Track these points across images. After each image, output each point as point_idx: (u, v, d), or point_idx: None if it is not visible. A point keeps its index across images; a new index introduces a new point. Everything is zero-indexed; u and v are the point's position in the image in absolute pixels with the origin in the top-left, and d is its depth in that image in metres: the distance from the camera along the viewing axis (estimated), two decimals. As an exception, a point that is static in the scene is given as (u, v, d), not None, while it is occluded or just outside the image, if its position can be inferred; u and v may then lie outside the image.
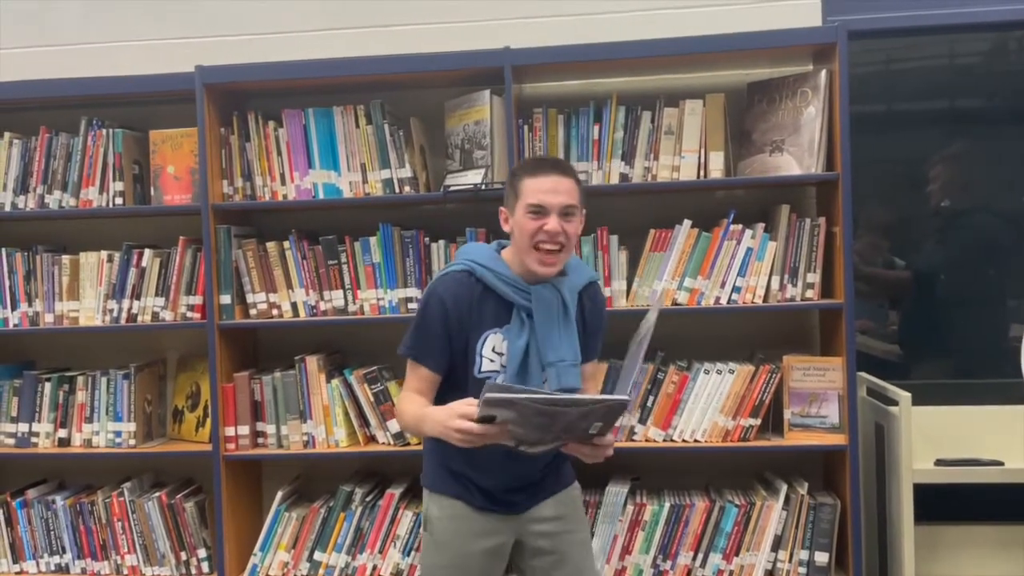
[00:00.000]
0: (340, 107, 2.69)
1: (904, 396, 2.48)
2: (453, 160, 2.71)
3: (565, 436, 1.84)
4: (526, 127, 2.64)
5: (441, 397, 2.01)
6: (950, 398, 2.83)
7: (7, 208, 2.81)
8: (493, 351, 1.97)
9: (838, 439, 2.51)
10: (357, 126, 2.68)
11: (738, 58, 2.63)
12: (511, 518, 2.07)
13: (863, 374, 2.71)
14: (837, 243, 2.50)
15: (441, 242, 2.67)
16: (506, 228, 2.03)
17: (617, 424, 1.89)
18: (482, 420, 1.76)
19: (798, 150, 2.55)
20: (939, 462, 2.64)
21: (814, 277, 2.55)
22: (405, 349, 2.03)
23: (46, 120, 2.83)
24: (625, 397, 1.81)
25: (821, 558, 2.51)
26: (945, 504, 2.74)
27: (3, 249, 2.82)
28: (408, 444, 2.65)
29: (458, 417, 1.78)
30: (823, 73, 2.53)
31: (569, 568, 2.09)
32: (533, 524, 2.08)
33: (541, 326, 1.97)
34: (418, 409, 1.97)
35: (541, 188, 1.94)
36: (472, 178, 2.62)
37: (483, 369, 1.97)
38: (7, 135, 2.82)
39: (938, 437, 2.71)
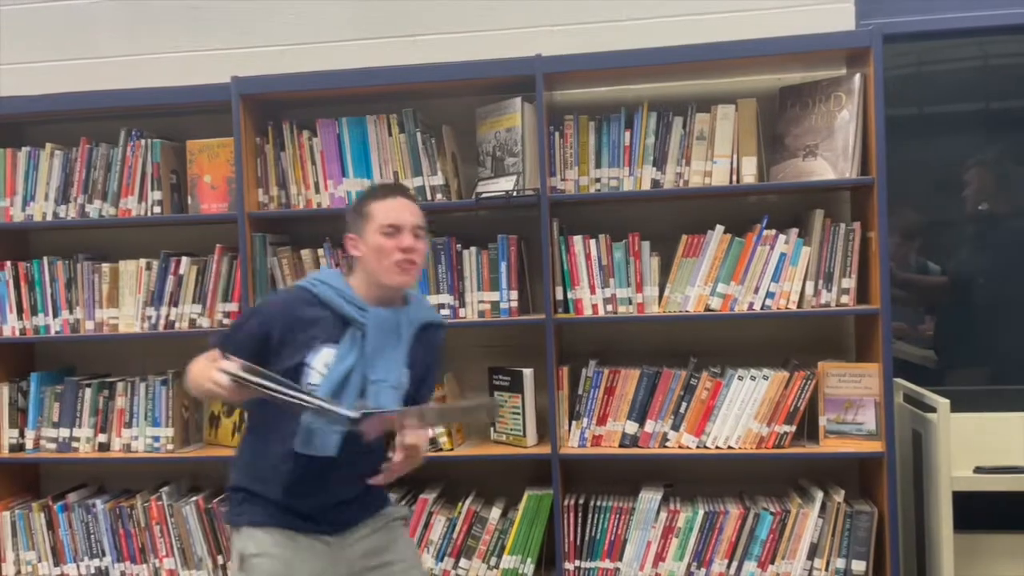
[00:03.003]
0: (373, 116, 2.72)
1: (943, 403, 2.45)
2: (485, 167, 2.73)
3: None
4: (557, 134, 2.65)
5: (262, 407, 1.96)
6: (988, 405, 2.79)
7: (49, 217, 2.87)
8: (325, 366, 1.96)
9: (875, 446, 2.48)
10: (390, 134, 2.71)
11: (770, 63, 2.61)
12: (334, 541, 2.02)
13: (900, 380, 2.68)
14: (872, 248, 2.48)
15: (473, 249, 2.68)
16: (356, 253, 2.03)
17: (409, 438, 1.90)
18: (235, 380, 1.80)
19: (832, 155, 2.53)
20: (978, 469, 2.60)
21: (849, 282, 2.53)
22: (221, 340, 2.00)
23: (86, 131, 2.88)
24: (349, 413, 1.81)
25: (858, 567, 2.48)
26: (984, 512, 2.70)
27: (45, 257, 2.88)
28: (441, 450, 2.66)
29: (218, 370, 1.81)
30: (857, 77, 2.51)
31: None
32: (355, 547, 2.04)
33: (372, 345, 1.98)
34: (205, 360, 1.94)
35: (393, 208, 2.00)
36: (504, 185, 2.63)
37: (310, 381, 1.95)
38: (49, 146, 2.88)
39: (976, 444, 2.67)
